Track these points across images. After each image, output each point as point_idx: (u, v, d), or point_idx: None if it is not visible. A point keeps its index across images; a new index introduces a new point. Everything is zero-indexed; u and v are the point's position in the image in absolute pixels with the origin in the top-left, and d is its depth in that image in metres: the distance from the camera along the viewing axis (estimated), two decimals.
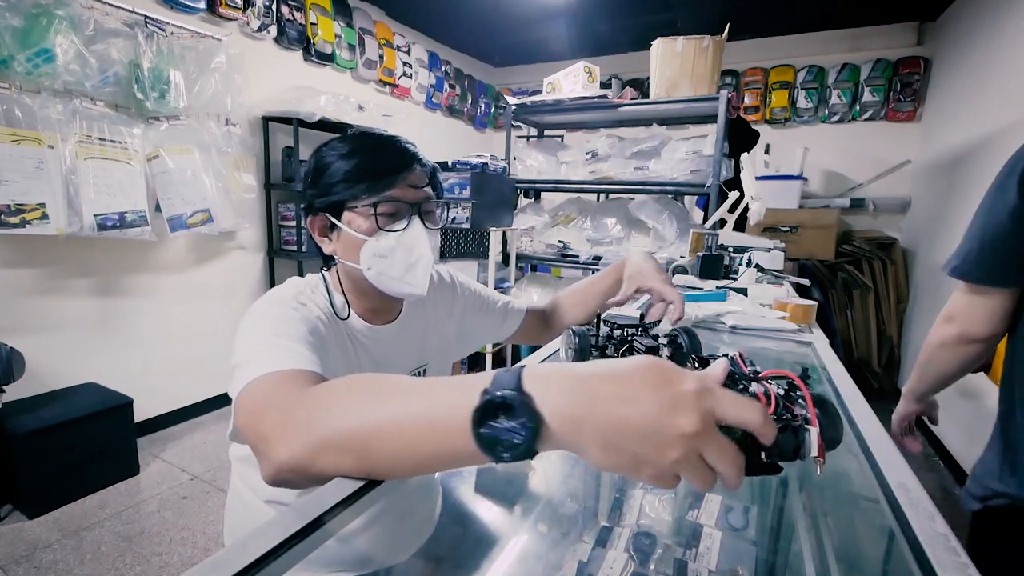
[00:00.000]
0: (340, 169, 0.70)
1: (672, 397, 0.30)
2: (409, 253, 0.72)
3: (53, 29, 1.94)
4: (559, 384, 0.32)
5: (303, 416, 0.43)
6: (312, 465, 0.41)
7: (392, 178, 0.70)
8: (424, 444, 0.37)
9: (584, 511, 0.62)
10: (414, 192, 0.72)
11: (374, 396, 0.41)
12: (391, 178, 0.70)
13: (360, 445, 0.39)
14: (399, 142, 0.74)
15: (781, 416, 0.41)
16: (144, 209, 2.28)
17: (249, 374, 0.52)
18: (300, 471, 0.42)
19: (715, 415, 0.31)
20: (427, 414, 0.37)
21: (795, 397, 0.44)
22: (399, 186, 0.71)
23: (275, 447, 0.43)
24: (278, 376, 0.51)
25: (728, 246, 1.83)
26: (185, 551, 1.80)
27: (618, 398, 0.31)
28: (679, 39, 2.31)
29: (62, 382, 2.26)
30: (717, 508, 0.63)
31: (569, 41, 4.21)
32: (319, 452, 0.41)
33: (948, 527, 0.41)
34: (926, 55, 3.56)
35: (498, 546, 0.54)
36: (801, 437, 0.40)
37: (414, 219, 0.72)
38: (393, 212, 0.71)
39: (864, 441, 0.59)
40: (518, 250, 2.93)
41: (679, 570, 0.52)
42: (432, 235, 0.76)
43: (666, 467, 0.30)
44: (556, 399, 0.32)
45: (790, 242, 3.28)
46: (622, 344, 0.76)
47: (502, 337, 1.00)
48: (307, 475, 0.42)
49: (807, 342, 1.06)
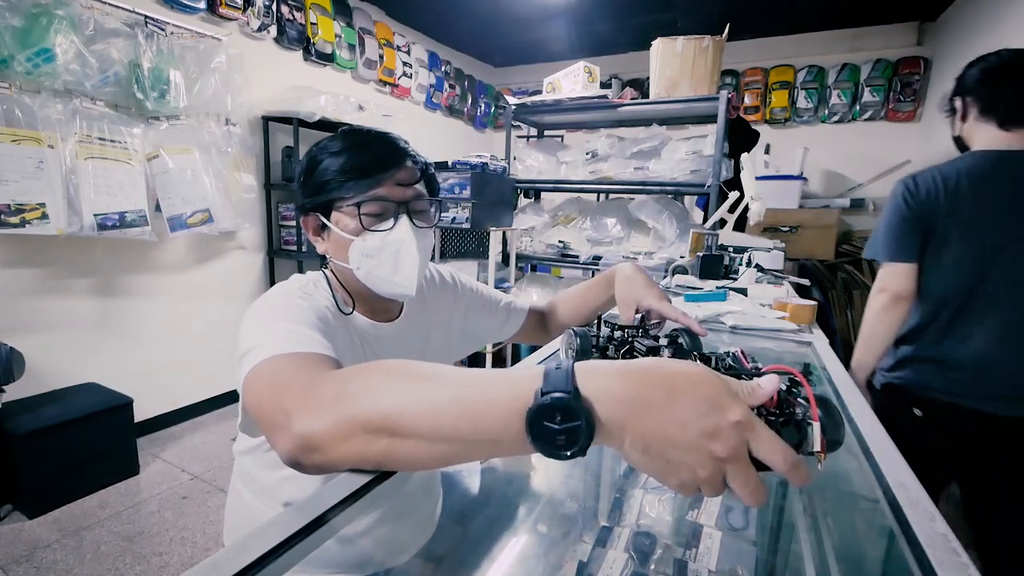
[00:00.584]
0: (328, 168, 0.69)
1: (715, 425, 0.32)
2: (396, 253, 0.70)
3: (53, 29, 1.94)
4: (612, 390, 0.34)
5: (331, 393, 0.42)
6: (336, 445, 0.40)
7: (378, 176, 0.69)
8: (469, 433, 0.37)
9: (584, 511, 0.61)
10: (401, 190, 0.70)
11: (417, 380, 0.40)
12: (377, 176, 0.69)
13: (397, 427, 0.38)
14: (388, 138, 0.72)
15: (784, 410, 0.41)
16: (144, 209, 2.28)
17: (263, 355, 0.50)
18: (321, 449, 0.41)
19: (749, 446, 0.33)
20: (478, 403, 0.37)
21: (797, 393, 0.44)
22: (386, 184, 0.69)
23: (299, 419, 0.41)
24: (297, 357, 0.49)
25: (728, 246, 1.83)
26: (185, 551, 1.80)
27: (666, 415, 0.32)
28: (679, 39, 2.31)
29: (62, 382, 2.26)
30: (717, 508, 0.63)
31: (569, 41, 4.21)
32: (349, 432, 0.40)
33: (948, 527, 0.41)
34: (926, 55, 3.56)
35: (498, 546, 0.54)
36: (804, 431, 0.40)
37: (401, 218, 0.70)
38: (379, 212, 0.69)
39: (864, 441, 0.59)
40: (518, 250, 2.93)
41: (679, 570, 0.52)
42: (423, 234, 0.74)
43: (692, 481, 0.33)
44: (609, 405, 0.33)
45: (790, 242, 3.28)
46: (623, 345, 0.76)
47: (504, 336, 1.00)
48: (327, 456, 0.41)
49: (807, 342, 1.06)
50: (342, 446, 0.40)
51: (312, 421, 0.41)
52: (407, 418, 0.38)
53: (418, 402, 0.38)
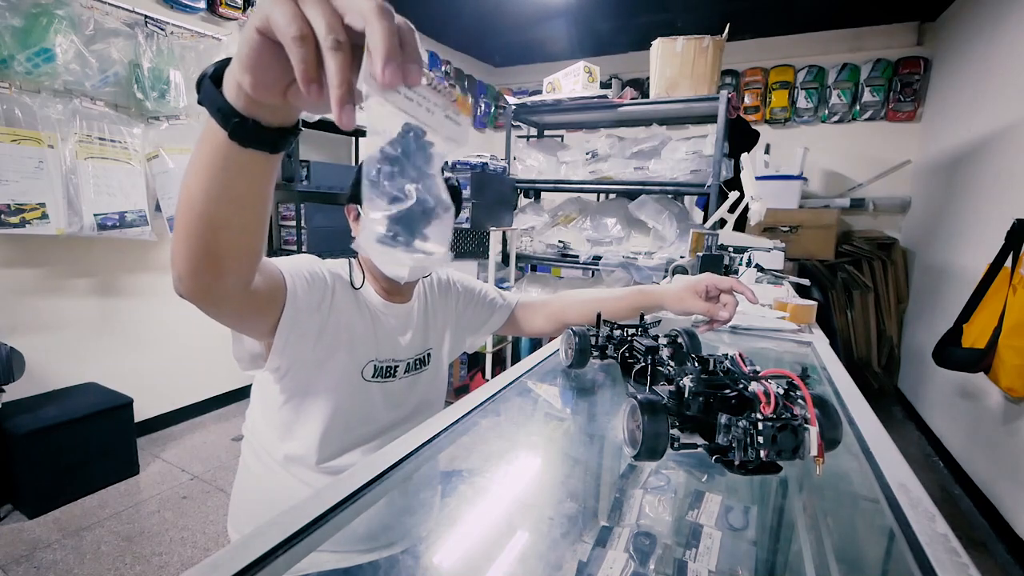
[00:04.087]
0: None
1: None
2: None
3: (53, 29, 1.94)
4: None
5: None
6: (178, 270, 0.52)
7: None
8: (195, 157, 0.44)
9: (584, 511, 0.62)
10: None
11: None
12: None
13: (184, 211, 0.47)
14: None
15: (781, 415, 0.41)
16: (144, 209, 2.28)
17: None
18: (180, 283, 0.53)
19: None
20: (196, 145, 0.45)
21: (795, 397, 0.44)
22: None
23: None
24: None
25: (728, 246, 1.83)
26: (185, 551, 1.80)
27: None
28: (679, 39, 2.31)
29: (62, 382, 2.26)
30: (717, 508, 0.63)
31: (569, 41, 4.21)
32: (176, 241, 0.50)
33: (948, 527, 0.41)
34: (926, 55, 3.56)
35: (497, 546, 0.54)
36: (801, 436, 0.40)
37: None
38: None
39: (864, 441, 0.59)
40: (518, 250, 2.93)
41: (679, 570, 0.52)
42: None
43: (271, 29, 0.33)
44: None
45: (790, 242, 3.28)
46: (622, 344, 0.76)
47: (494, 328, 1.09)
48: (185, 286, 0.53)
49: (807, 342, 1.06)
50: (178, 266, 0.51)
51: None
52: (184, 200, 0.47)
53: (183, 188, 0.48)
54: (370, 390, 0.87)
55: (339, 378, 0.83)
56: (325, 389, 0.83)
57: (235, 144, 0.41)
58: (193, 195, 0.46)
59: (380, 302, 0.89)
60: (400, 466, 0.54)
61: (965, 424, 2.42)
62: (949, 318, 2.18)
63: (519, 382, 0.82)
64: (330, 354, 0.82)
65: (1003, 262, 1.94)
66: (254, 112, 0.40)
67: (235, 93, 0.39)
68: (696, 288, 0.91)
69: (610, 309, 0.99)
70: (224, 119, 0.40)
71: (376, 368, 0.88)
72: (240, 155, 0.42)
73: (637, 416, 0.46)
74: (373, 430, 0.89)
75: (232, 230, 0.49)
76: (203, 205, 0.46)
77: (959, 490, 2.37)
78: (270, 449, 0.87)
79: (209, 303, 0.57)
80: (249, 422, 0.92)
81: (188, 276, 0.51)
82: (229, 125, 0.40)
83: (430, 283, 1.01)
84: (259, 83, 0.36)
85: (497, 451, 0.68)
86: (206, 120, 0.42)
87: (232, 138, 0.41)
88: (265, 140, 0.42)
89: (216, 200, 0.46)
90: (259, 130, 0.41)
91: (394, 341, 0.90)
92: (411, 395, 0.94)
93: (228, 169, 0.44)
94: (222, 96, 0.39)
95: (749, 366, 0.49)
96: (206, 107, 0.41)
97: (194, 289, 0.53)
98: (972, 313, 2.07)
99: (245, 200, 0.47)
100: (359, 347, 0.85)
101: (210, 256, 0.50)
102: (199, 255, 0.49)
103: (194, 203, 0.46)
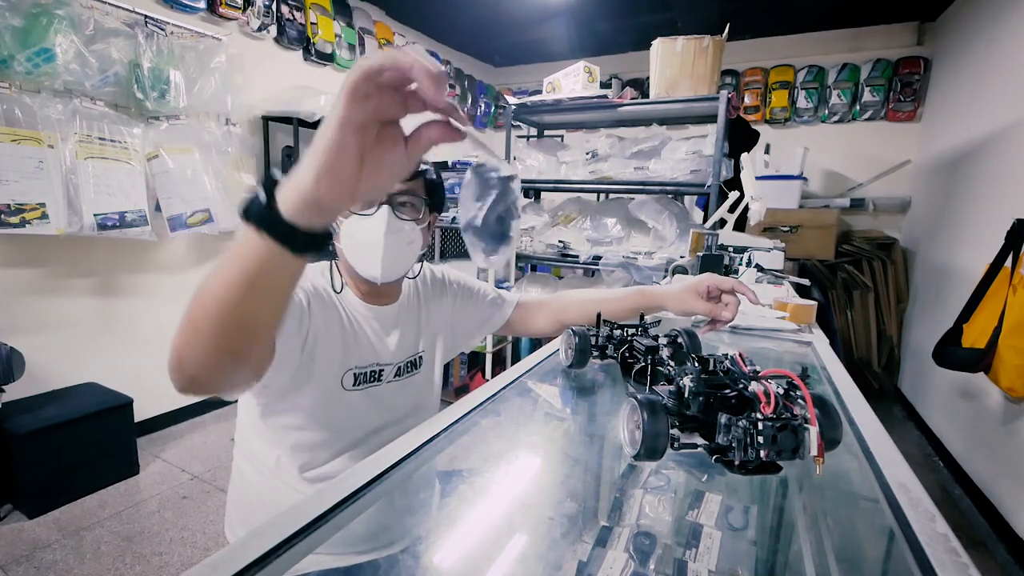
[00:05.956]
0: None
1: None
2: (367, 237, 0.78)
3: (53, 29, 1.94)
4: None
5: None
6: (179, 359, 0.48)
7: None
8: (230, 265, 0.43)
9: (584, 511, 0.61)
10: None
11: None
12: None
13: (193, 308, 0.46)
14: None
15: (780, 415, 0.41)
16: (144, 209, 2.28)
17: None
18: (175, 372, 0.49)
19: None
20: (227, 255, 0.44)
21: (795, 397, 0.44)
22: None
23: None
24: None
25: (728, 246, 1.83)
26: (185, 551, 1.80)
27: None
28: (679, 39, 2.30)
29: (62, 382, 2.26)
30: (717, 508, 0.63)
31: (569, 41, 4.20)
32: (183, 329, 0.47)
33: (948, 527, 0.41)
34: (926, 55, 3.56)
35: (497, 546, 0.54)
36: (801, 436, 0.40)
37: (383, 207, 0.77)
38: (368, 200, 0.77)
39: (864, 441, 0.59)
40: (518, 250, 2.93)
41: (679, 570, 0.52)
42: (402, 225, 0.79)
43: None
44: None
45: (790, 242, 3.28)
46: (622, 344, 0.76)
47: (494, 328, 1.06)
48: (184, 374, 0.48)
49: (807, 342, 1.06)
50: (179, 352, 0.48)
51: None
52: (198, 297, 0.46)
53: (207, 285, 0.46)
54: (351, 399, 0.85)
55: (315, 393, 0.81)
56: (300, 406, 0.81)
57: (288, 251, 0.41)
58: (225, 301, 0.44)
59: (361, 305, 0.86)
60: (400, 466, 0.54)
61: (965, 424, 2.42)
62: (949, 318, 2.18)
63: (519, 382, 0.82)
64: (305, 372, 0.79)
65: (1003, 262, 1.94)
66: (314, 221, 0.40)
67: (297, 206, 0.39)
68: (698, 288, 0.90)
69: (610, 309, 0.97)
70: (284, 237, 0.40)
71: (356, 376, 0.85)
72: (292, 260, 0.42)
73: (637, 416, 0.46)
74: (358, 437, 0.87)
75: (261, 320, 0.48)
76: (239, 308, 0.45)
77: (959, 490, 2.37)
78: (260, 454, 0.85)
79: (218, 392, 0.54)
80: (238, 426, 0.90)
81: (204, 374, 0.48)
82: (294, 240, 0.40)
83: (423, 282, 0.98)
84: (336, 181, 0.38)
85: (497, 451, 0.68)
86: (243, 236, 0.42)
87: (295, 252, 0.41)
88: (321, 243, 0.42)
89: (253, 302, 0.45)
90: (315, 236, 0.41)
91: (376, 345, 0.87)
92: (402, 399, 0.92)
93: (271, 273, 0.43)
94: (277, 213, 0.39)
95: (749, 366, 0.49)
96: (256, 226, 0.41)
97: (208, 384, 0.50)
98: (972, 313, 2.07)
99: (283, 291, 0.47)
100: (335, 359, 0.82)
101: (233, 352, 0.48)
102: (224, 353, 0.47)
103: (226, 308, 0.44)
